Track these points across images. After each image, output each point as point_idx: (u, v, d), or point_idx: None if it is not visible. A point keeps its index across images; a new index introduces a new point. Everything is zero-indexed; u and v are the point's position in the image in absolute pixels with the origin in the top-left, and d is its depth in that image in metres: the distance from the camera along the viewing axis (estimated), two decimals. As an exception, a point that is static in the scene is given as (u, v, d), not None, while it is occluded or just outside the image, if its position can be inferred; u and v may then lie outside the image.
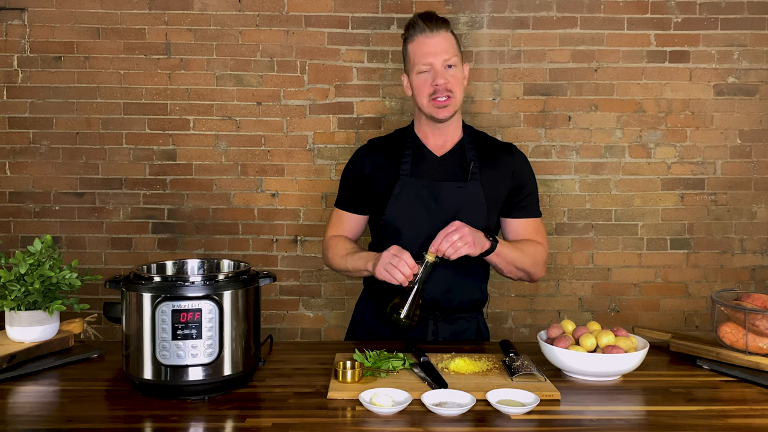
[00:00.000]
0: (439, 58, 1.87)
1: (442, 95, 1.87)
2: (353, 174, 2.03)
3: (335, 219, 2.08)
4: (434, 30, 1.87)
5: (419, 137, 2.00)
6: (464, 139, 2.00)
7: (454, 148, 1.98)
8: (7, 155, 3.01)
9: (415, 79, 1.91)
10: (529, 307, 3.10)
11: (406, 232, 1.92)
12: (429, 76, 1.89)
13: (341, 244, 2.01)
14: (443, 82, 1.86)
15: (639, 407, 1.42)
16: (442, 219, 1.88)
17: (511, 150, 2.04)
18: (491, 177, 1.95)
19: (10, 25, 2.96)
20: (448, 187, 1.91)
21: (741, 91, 3.03)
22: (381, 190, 1.96)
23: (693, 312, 3.10)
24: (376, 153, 2.01)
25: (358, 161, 2.04)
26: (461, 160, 1.96)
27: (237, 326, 1.45)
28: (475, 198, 1.91)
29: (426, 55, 1.87)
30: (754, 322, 1.61)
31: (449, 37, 1.90)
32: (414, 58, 1.90)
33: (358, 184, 2.02)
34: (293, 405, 1.40)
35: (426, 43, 1.87)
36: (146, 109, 3.01)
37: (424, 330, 1.95)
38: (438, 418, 1.32)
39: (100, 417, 1.35)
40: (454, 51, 1.90)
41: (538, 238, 2.01)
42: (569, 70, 3.03)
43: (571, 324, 1.66)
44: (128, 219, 3.04)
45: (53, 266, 1.72)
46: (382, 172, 1.97)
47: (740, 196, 3.07)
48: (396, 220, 1.93)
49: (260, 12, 2.99)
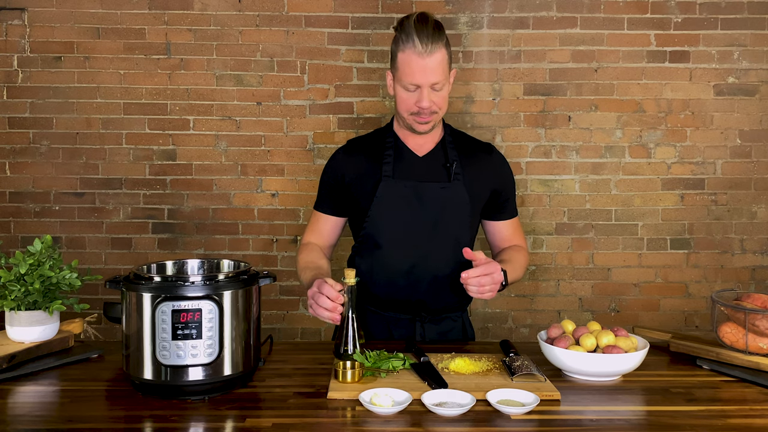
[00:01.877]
0: (427, 81, 1.79)
1: (425, 116, 1.83)
2: (332, 177, 1.98)
3: (313, 223, 2.05)
4: (428, 51, 1.76)
5: (399, 137, 1.97)
6: (445, 138, 1.97)
7: (435, 148, 1.95)
8: (7, 155, 3.01)
9: (400, 91, 1.84)
10: (529, 307, 3.10)
11: (389, 233, 1.90)
12: (414, 95, 1.82)
13: (306, 254, 1.96)
14: (427, 106, 1.81)
15: (639, 407, 1.42)
16: (425, 219, 1.87)
17: (490, 150, 2.01)
18: (473, 177, 1.93)
19: (10, 25, 2.97)
20: (432, 187, 1.89)
21: (741, 91, 3.03)
22: (363, 192, 1.92)
23: (693, 312, 3.10)
24: (356, 154, 1.97)
25: (337, 163, 1.99)
26: (443, 160, 1.93)
27: (237, 326, 1.45)
28: (458, 198, 1.89)
29: (415, 75, 1.78)
30: (754, 322, 1.61)
31: (442, 55, 1.79)
32: (402, 72, 1.81)
33: (337, 187, 1.98)
34: (293, 405, 1.39)
35: (417, 63, 1.77)
36: (146, 109, 3.01)
37: (412, 331, 1.95)
38: (438, 418, 1.32)
39: (100, 417, 1.35)
40: (445, 72, 1.82)
41: (519, 238, 2.05)
42: (569, 70, 3.03)
43: (571, 324, 1.66)
44: (128, 219, 3.04)
45: (53, 266, 1.72)
46: (363, 174, 1.93)
47: (740, 196, 3.07)
48: (380, 222, 1.90)
49: (260, 12, 2.99)
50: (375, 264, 1.92)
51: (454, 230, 1.90)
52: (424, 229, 1.88)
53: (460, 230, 1.91)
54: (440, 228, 1.89)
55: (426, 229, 1.88)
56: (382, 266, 1.92)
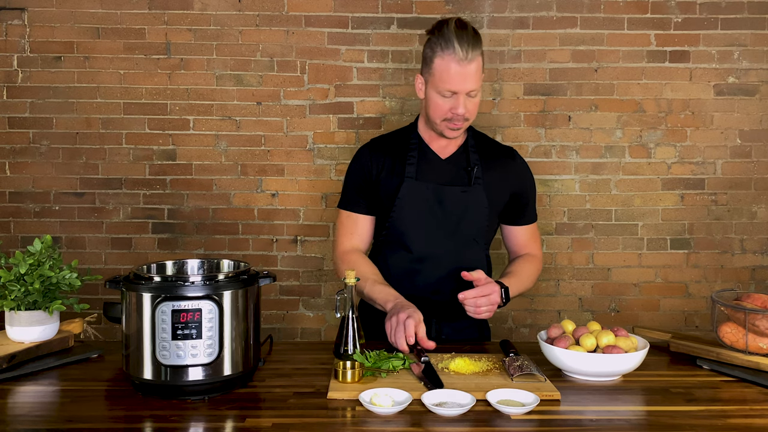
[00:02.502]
0: (465, 88, 1.79)
1: (458, 123, 1.85)
2: (360, 175, 2.00)
3: (348, 225, 2.00)
4: (468, 58, 1.75)
5: (423, 139, 2.00)
6: (468, 142, 2.00)
7: (458, 151, 1.99)
8: (7, 155, 3.01)
9: (434, 96, 1.84)
10: (529, 307, 3.10)
11: (410, 234, 1.94)
12: (450, 102, 1.82)
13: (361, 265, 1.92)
14: (463, 113, 1.82)
15: (639, 407, 1.42)
16: (445, 221, 1.92)
17: (513, 155, 2.05)
18: (494, 182, 1.96)
19: (10, 25, 2.96)
20: (453, 191, 1.93)
21: (741, 91, 3.03)
22: (386, 192, 1.96)
23: (693, 312, 3.10)
24: (381, 153, 2.00)
25: (364, 161, 2.00)
26: (465, 163, 1.97)
27: (237, 326, 1.45)
28: (478, 202, 1.93)
29: (453, 82, 1.78)
30: (754, 322, 1.61)
31: (479, 63, 1.79)
32: (439, 78, 1.80)
33: (366, 185, 1.99)
34: (293, 405, 1.39)
35: (456, 70, 1.77)
36: (146, 109, 3.01)
37: (428, 330, 1.96)
38: (438, 418, 1.32)
39: (100, 417, 1.35)
40: (481, 79, 1.82)
41: (534, 245, 2.08)
42: (569, 70, 3.03)
43: (571, 324, 1.66)
44: (128, 219, 3.04)
45: (53, 266, 1.72)
46: (387, 173, 1.96)
47: (740, 196, 3.07)
48: (401, 223, 1.94)
49: (260, 12, 2.99)
50: (394, 262, 1.97)
51: (472, 233, 1.95)
52: (443, 230, 1.93)
53: (479, 233, 1.96)
54: (459, 230, 1.93)
55: (445, 231, 1.93)
56: (401, 265, 1.96)
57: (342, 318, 1.64)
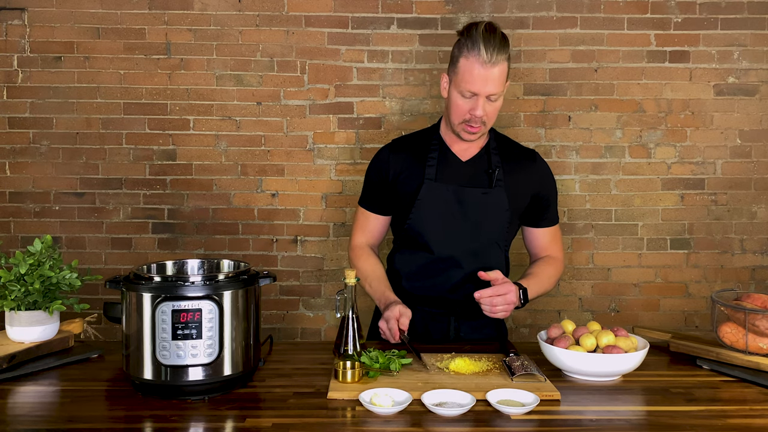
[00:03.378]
0: (486, 91, 1.81)
1: (475, 125, 1.87)
2: (377, 176, 2.03)
3: (362, 221, 2.09)
4: (491, 61, 1.78)
5: (445, 140, 2.01)
6: (489, 144, 2.01)
7: (479, 153, 2.00)
8: (7, 155, 3.01)
9: (456, 96, 1.86)
10: (529, 307, 3.09)
11: (429, 235, 1.95)
12: (469, 103, 1.84)
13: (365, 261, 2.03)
14: (480, 115, 1.84)
15: (639, 407, 1.42)
16: (465, 223, 1.93)
17: (534, 157, 2.05)
18: (515, 184, 1.97)
19: (10, 25, 2.96)
20: (473, 193, 1.93)
21: (741, 91, 3.03)
22: (406, 193, 1.97)
23: (693, 312, 3.10)
24: (401, 153, 2.01)
25: (382, 162, 2.03)
26: (486, 165, 1.97)
27: (237, 326, 1.45)
28: (499, 205, 1.94)
29: (474, 83, 1.81)
30: (754, 322, 1.61)
31: (504, 68, 1.82)
32: (462, 78, 1.83)
33: (382, 186, 2.02)
34: (293, 405, 1.40)
35: (479, 71, 1.79)
36: (146, 109, 3.01)
37: (446, 328, 1.98)
38: (438, 418, 1.32)
39: (100, 417, 1.35)
40: (503, 84, 1.85)
41: (556, 248, 2.08)
42: (569, 70, 3.03)
43: (571, 324, 1.66)
44: (128, 219, 3.04)
45: (53, 266, 1.72)
46: (406, 174, 1.98)
47: (740, 196, 3.07)
48: (420, 224, 1.95)
49: (260, 12, 2.99)
50: (413, 262, 1.99)
51: (493, 235, 1.96)
52: (463, 232, 1.94)
53: (498, 235, 1.97)
54: (479, 232, 1.94)
55: (465, 232, 1.94)
56: (421, 265, 1.97)
57: (342, 318, 1.65)
